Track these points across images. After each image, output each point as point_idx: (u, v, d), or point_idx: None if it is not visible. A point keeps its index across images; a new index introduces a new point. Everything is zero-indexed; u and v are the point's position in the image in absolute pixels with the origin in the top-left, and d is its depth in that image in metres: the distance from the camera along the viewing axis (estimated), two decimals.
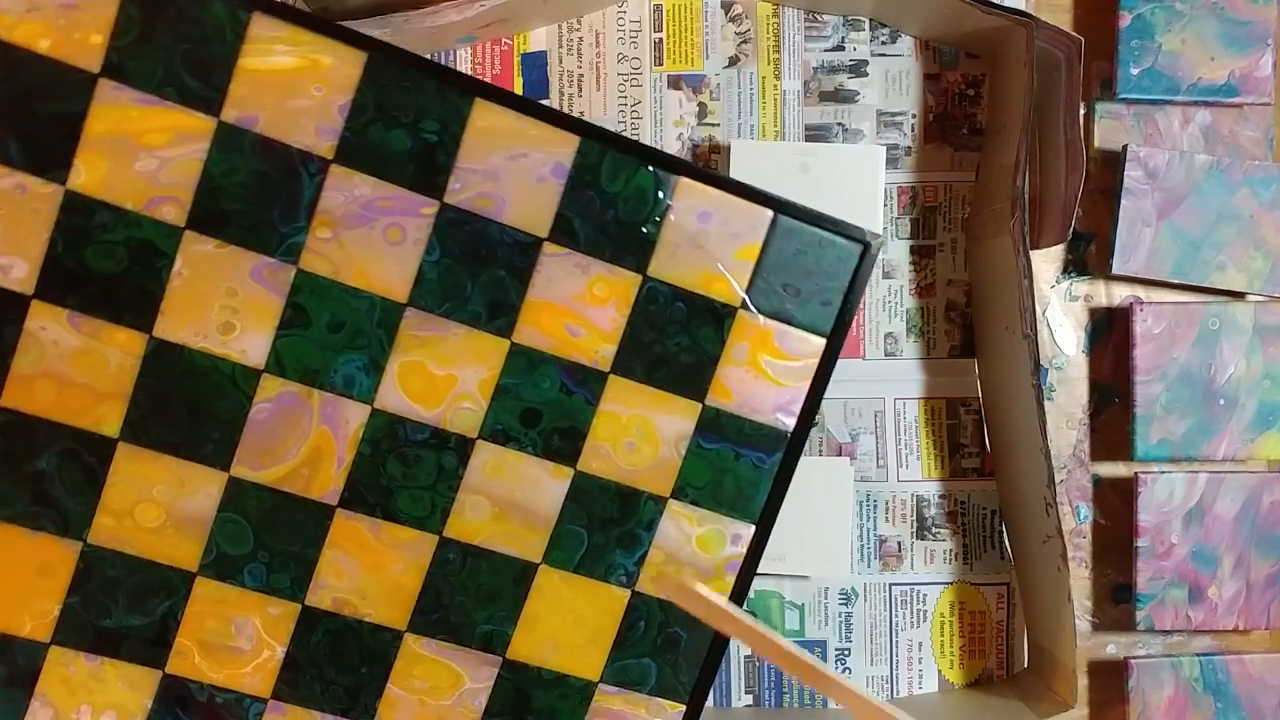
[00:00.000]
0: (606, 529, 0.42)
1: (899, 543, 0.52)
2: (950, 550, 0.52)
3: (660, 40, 0.51)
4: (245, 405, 0.39)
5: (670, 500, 0.42)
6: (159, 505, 0.39)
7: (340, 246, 0.38)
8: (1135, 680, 0.50)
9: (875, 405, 0.52)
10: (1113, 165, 0.53)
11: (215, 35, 0.37)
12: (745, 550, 0.43)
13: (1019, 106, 0.47)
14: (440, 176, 0.39)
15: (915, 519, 0.52)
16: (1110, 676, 0.51)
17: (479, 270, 0.39)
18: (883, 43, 0.52)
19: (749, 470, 0.42)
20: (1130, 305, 0.51)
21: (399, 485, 0.40)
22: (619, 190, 0.40)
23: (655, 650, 0.43)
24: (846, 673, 0.51)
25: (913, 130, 0.52)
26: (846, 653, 0.51)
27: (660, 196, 0.40)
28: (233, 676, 0.40)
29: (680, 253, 0.41)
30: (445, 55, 0.50)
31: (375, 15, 0.43)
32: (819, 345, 0.42)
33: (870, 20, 0.52)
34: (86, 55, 0.36)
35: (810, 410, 0.42)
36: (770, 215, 0.41)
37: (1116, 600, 0.53)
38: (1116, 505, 0.53)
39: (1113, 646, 0.53)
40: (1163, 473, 0.51)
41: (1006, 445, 0.50)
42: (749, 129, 0.52)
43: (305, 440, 0.39)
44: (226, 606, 0.40)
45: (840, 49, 0.52)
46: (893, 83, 0.53)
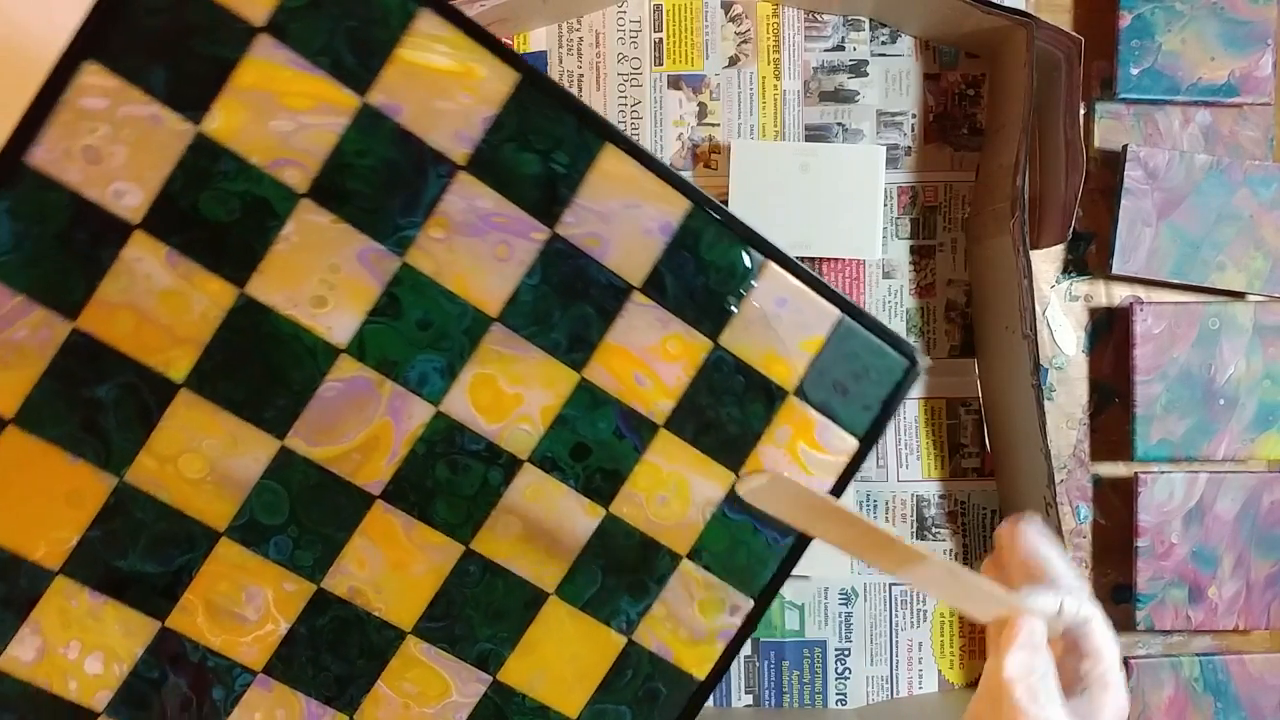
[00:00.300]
0: (621, 574, 0.44)
1: None
2: (950, 550, 0.53)
3: (660, 40, 0.53)
4: (317, 380, 0.39)
5: (685, 559, 0.44)
6: (205, 459, 0.39)
7: (449, 250, 0.40)
8: (1135, 680, 0.52)
9: None
10: (1113, 165, 0.55)
11: (381, 19, 0.38)
12: (740, 622, 0.45)
13: (1019, 106, 0.49)
14: (558, 207, 0.40)
15: (915, 519, 0.54)
16: None
17: (570, 303, 0.41)
18: (883, 43, 0.54)
19: (762, 547, 0.45)
20: (1130, 305, 0.53)
21: (442, 490, 0.41)
22: (714, 260, 0.42)
23: (635, 700, 0.45)
24: (847, 673, 0.53)
25: (913, 130, 0.55)
26: (846, 653, 0.53)
27: (748, 274, 0.43)
28: (230, 643, 0.40)
29: (753, 330, 0.43)
30: None
31: None
32: (852, 445, 0.45)
33: (870, 20, 0.54)
34: (254, 8, 0.37)
35: None
36: (838, 315, 0.44)
37: (1116, 600, 0.54)
38: (1116, 505, 0.54)
39: None
40: (1163, 473, 0.53)
41: (1006, 445, 0.52)
42: (749, 129, 0.54)
43: (366, 427, 0.40)
44: (243, 573, 0.40)
45: (840, 49, 0.54)
46: (893, 83, 0.55)
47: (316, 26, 0.38)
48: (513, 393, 0.42)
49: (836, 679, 0.55)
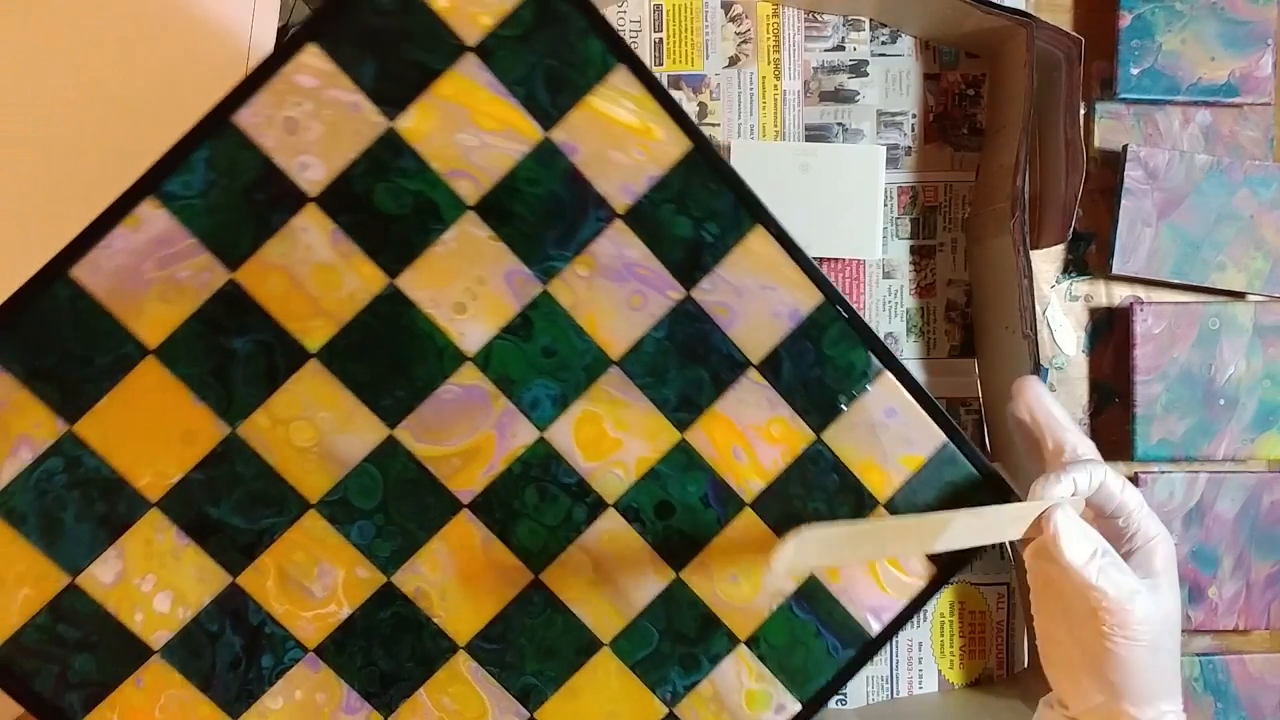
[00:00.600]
0: (677, 643, 0.44)
1: None
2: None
3: (660, 40, 0.54)
4: (439, 380, 0.41)
5: (743, 645, 0.44)
6: (316, 429, 0.41)
7: (589, 288, 0.42)
8: None
9: None
10: (1113, 165, 0.55)
11: (580, 66, 0.41)
12: None
13: (1019, 106, 0.49)
14: (698, 272, 0.42)
15: None
16: None
17: (688, 363, 0.43)
18: (883, 43, 0.55)
19: (822, 653, 0.45)
20: (1130, 305, 0.52)
21: (527, 513, 0.42)
22: (834, 356, 0.44)
23: None
24: None
25: (913, 130, 0.55)
26: None
27: (865, 378, 0.44)
28: (291, 615, 0.41)
29: (857, 433, 0.44)
30: None
31: None
32: (930, 572, 0.45)
33: (870, 20, 0.54)
34: (469, 28, 0.40)
35: (896, 626, 0.45)
36: (943, 440, 0.45)
37: None
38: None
39: None
40: (1163, 473, 0.51)
41: (1006, 445, 0.51)
42: (749, 129, 0.54)
43: (472, 436, 0.42)
44: (322, 548, 0.41)
45: (840, 49, 0.54)
46: (893, 83, 0.55)
47: (521, 58, 0.41)
48: (614, 436, 0.43)
49: None
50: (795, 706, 0.45)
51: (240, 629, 0.42)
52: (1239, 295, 0.54)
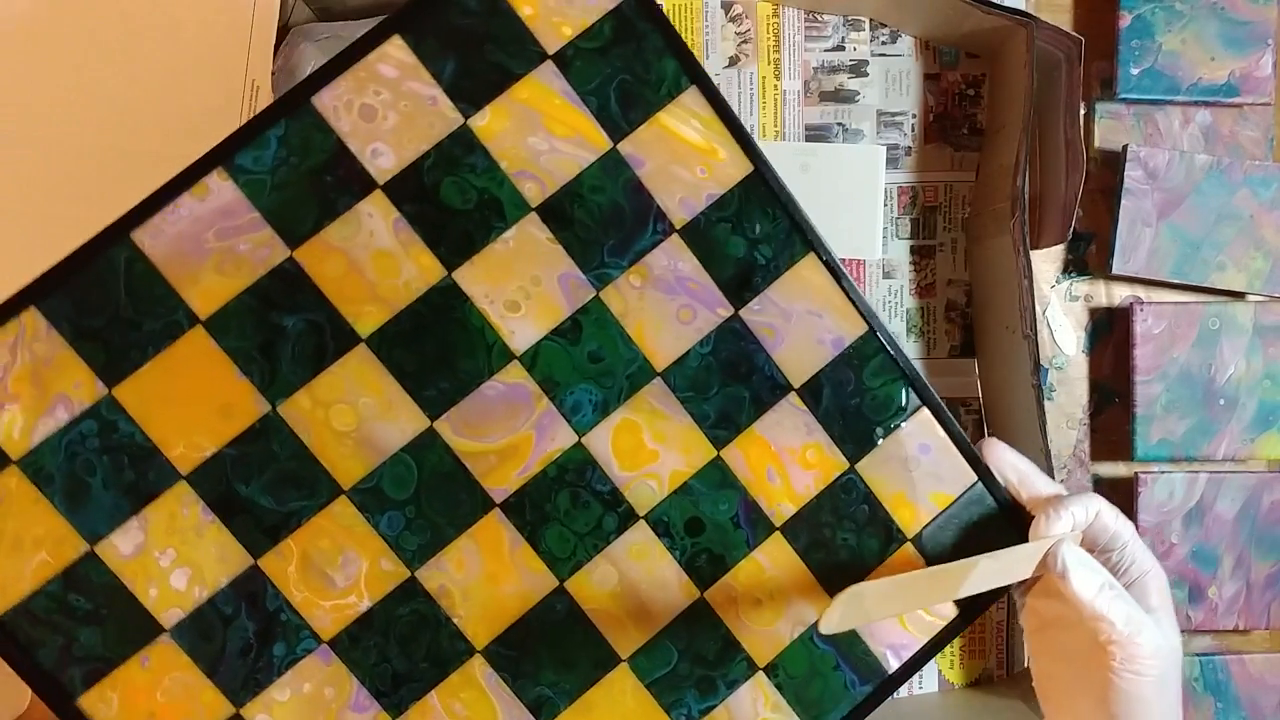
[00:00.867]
0: (695, 665, 0.44)
1: None
2: None
3: None
4: (484, 376, 0.42)
5: (761, 672, 0.45)
6: (356, 414, 0.41)
7: (641, 298, 0.43)
8: None
9: None
10: (1113, 165, 0.56)
11: (653, 83, 0.43)
12: None
13: (1019, 106, 0.50)
14: (748, 293, 0.44)
15: None
16: None
17: (730, 381, 0.44)
18: (883, 43, 0.56)
19: (839, 686, 0.45)
20: (1130, 305, 0.53)
21: (557, 518, 0.43)
22: (873, 387, 0.45)
23: None
24: None
25: (913, 130, 0.56)
26: None
27: (902, 412, 0.45)
28: (309, 603, 0.41)
29: (890, 465, 0.45)
30: None
31: (375, 15, 0.47)
32: (952, 613, 0.46)
33: (870, 20, 0.55)
34: (550, 37, 0.42)
35: (914, 665, 0.46)
36: (973, 479, 0.46)
37: None
38: (1117, 505, 0.53)
39: None
40: (1163, 473, 0.52)
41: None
42: (749, 129, 0.56)
43: (511, 434, 0.42)
44: (349, 536, 0.41)
45: (840, 49, 0.56)
46: (893, 83, 0.56)
47: (596, 70, 0.43)
48: (652, 448, 0.44)
49: None
50: None
51: (255, 614, 0.41)
52: (1239, 295, 0.56)
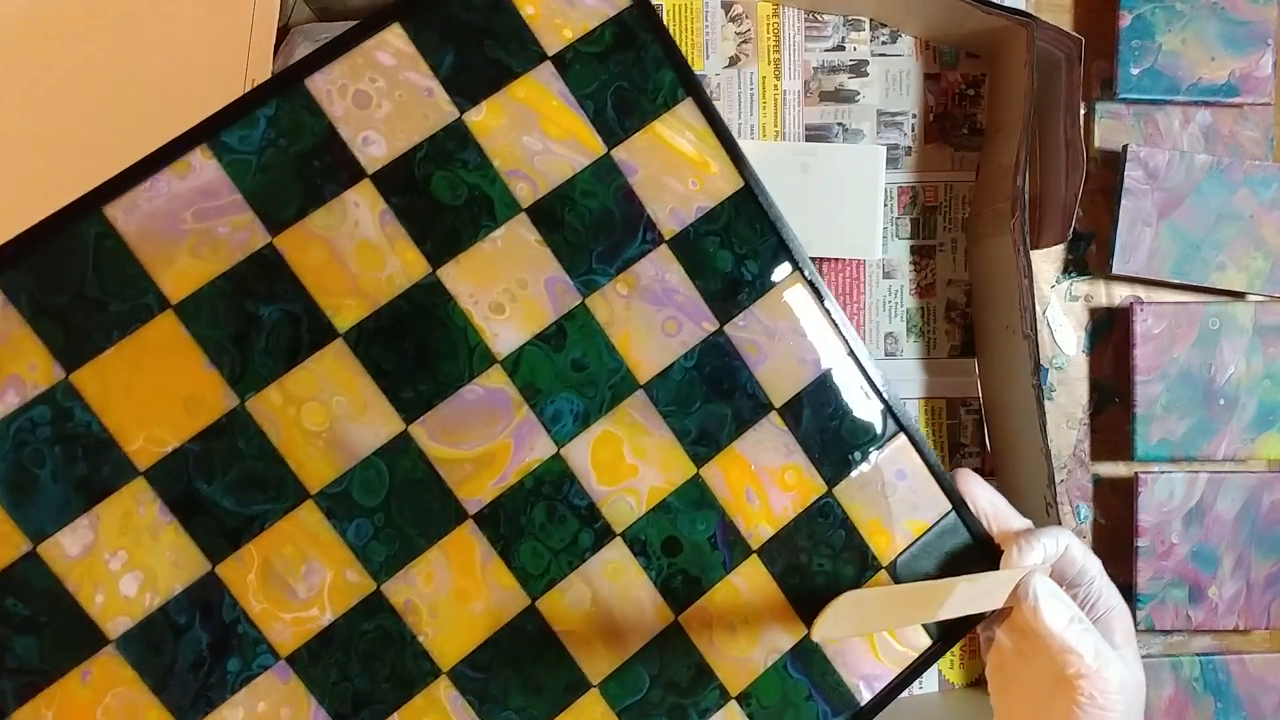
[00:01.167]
0: (667, 692, 0.44)
1: None
2: None
3: None
4: (464, 379, 0.42)
5: (734, 701, 0.45)
6: (329, 414, 0.41)
7: (627, 307, 0.44)
8: None
9: None
10: (1113, 165, 0.58)
11: (650, 92, 0.44)
12: None
13: (1019, 106, 0.52)
14: (734, 309, 0.45)
15: None
16: None
17: (713, 397, 0.45)
18: (883, 43, 0.59)
19: (811, 717, 0.46)
20: (1130, 305, 0.55)
21: (532, 532, 0.43)
22: (853, 411, 0.46)
23: None
24: None
25: (913, 130, 0.58)
26: None
27: (880, 437, 0.46)
28: (268, 615, 0.40)
29: (867, 491, 0.47)
30: None
31: None
32: (925, 645, 0.47)
33: (870, 20, 0.58)
34: (551, 38, 0.43)
35: (886, 698, 0.47)
36: (948, 507, 0.48)
37: None
38: (1116, 505, 0.54)
39: None
40: (1163, 473, 0.54)
41: (1007, 445, 0.53)
42: (749, 129, 0.58)
43: (489, 442, 0.42)
44: (314, 544, 0.41)
45: (840, 49, 0.58)
46: (893, 83, 0.59)
47: (595, 74, 0.44)
48: (631, 463, 0.45)
49: None
50: None
51: (210, 624, 0.40)
52: (1239, 295, 0.59)
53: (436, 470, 0.43)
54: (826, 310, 0.47)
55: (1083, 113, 0.57)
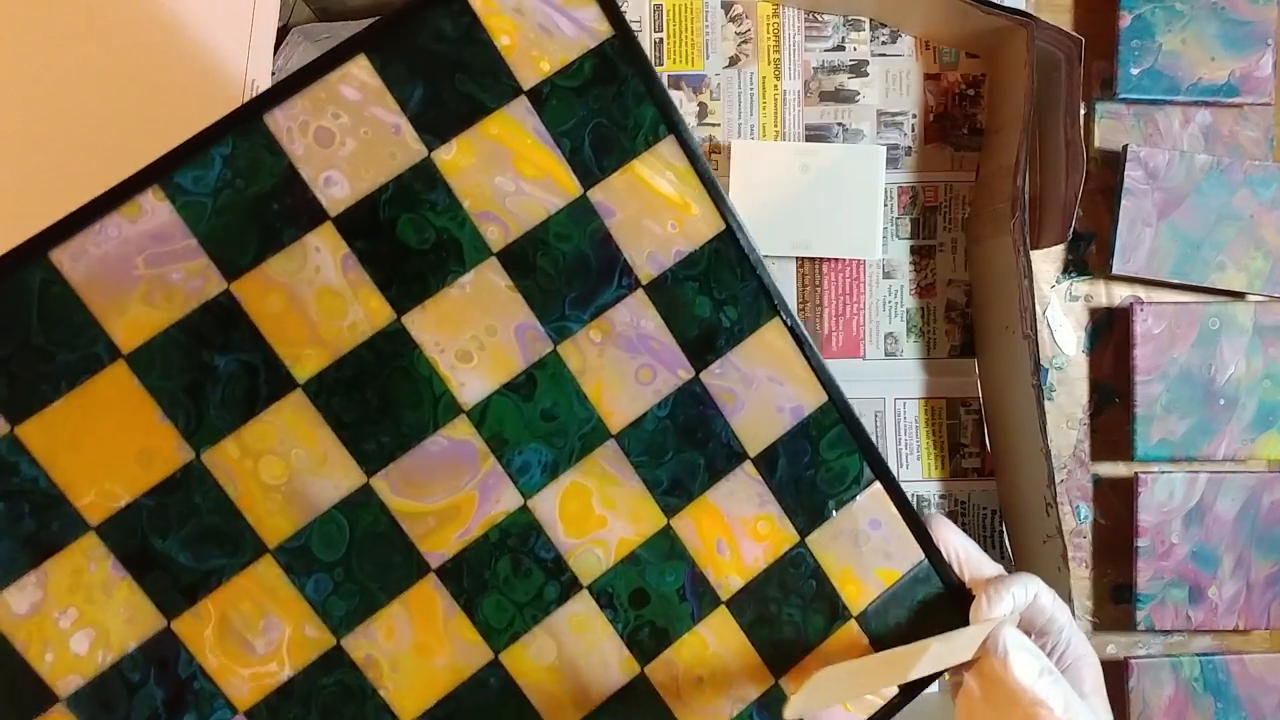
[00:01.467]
0: None
1: None
2: None
3: (660, 40, 0.58)
4: (428, 430, 0.42)
5: None
6: (287, 467, 0.41)
7: (600, 355, 0.44)
8: (1135, 680, 0.53)
9: (875, 405, 0.57)
10: (1113, 165, 0.60)
11: (630, 130, 0.43)
12: None
13: (1019, 106, 0.54)
14: (710, 355, 0.45)
15: None
16: (1110, 676, 0.55)
17: (686, 447, 0.45)
18: (883, 43, 0.60)
19: None
20: (1130, 305, 0.57)
21: (496, 586, 0.43)
22: (829, 460, 0.47)
23: None
24: None
25: (913, 130, 0.60)
26: None
27: (855, 487, 0.47)
28: (225, 670, 0.41)
29: (840, 541, 0.47)
30: None
31: (375, 15, 0.48)
32: (891, 692, 0.48)
33: (870, 20, 0.59)
34: (527, 71, 0.42)
35: None
36: (920, 557, 0.48)
37: (1116, 600, 0.56)
38: (1116, 505, 0.57)
39: (1113, 646, 0.56)
40: (1163, 473, 0.56)
41: (1006, 445, 0.54)
42: (749, 129, 0.59)
43: (453, 494, 0.43)
44: (272, 600, 0.41)
45: (840, 49, 0.60)
46: (893, 83, 0.60)
47: (573, 110, 0.43)
48: (600, 514, 0.45)
49: None
50: None
51: (165, 681, 0.40)
52: (1239, 295, 0.60)
53: (399, 523, 0.43)
54: (807, 356, 0.47)
55: (1083, 113, 0.58)
